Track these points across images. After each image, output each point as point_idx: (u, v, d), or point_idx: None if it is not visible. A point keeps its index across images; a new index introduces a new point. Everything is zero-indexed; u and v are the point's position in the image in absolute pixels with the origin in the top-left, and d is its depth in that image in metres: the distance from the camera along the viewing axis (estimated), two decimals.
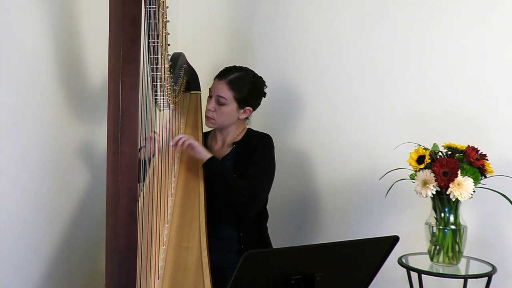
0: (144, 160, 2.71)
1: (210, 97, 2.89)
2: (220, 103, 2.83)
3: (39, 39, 2.70)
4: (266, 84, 2.97)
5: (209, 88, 2.91)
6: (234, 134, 2.95)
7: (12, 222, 2.62)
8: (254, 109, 2.94)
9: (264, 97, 2.96)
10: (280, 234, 3.25)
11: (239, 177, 2.78)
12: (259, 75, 2.96)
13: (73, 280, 3.01)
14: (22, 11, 2.60)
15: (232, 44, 3.75)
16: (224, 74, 2.87)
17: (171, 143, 2.75)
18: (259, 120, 3.19)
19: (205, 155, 2.74)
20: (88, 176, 3.07)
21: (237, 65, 2.94)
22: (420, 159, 2.74)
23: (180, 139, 2.74)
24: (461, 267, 2.79)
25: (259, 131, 2.99)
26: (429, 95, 3.16)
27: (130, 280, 1.88)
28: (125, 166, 1.83)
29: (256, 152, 2.85)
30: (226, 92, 2.82)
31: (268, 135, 2.94)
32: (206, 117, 2.89)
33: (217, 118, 2.86)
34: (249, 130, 2.99)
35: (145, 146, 2.68)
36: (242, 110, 2.88)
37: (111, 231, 1.86)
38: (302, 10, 3.49)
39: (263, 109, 3.11)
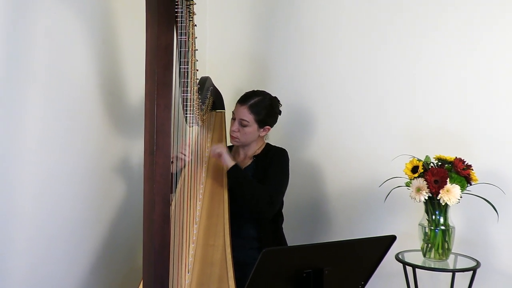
0: (176, 174, 2.71)
1: (233, 119, 2.94)
2: (243, 125, 2.88)
3: (88, 68, 2.75)
4: (281, 103, 2.98)
5: (232, 111, 2.96)
6: (255, 148, 2.98)
7: (66, 223, 2.66)
8: (272, 126, 2.96)
9: (280, 114, 2.99)
10: (294, 234, 3.25)
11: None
12: (275, 95, 2.97)
13: (114, 275, 3.03)
14: (74, 45, 2.65)
15: (252, 69, 3.78)
16: (245, 100, 2.91)
17: (198, 156, 2.77)
18: (277, 136, 3.23)
19: (230, 163, 2.78)
20: (128, 185, 3.09)
21: (256, 90, 2.98)
22: (414, 169, 2.74)
23: (215, 149, 2.82)
24: (450, 262, 2.79)
25: (276, 145, 3.00)
26: (422, 113, 3.17)
27: (164, 275, 1.87)
28: (159, 176, 1.82)
29: (273, 164, 2.87)
30: (247, 116, 2.87)
31: (284, 149, 2.97)
32: (231, 136, 2.94)
33: (241, 138, 2.91)
34: (267, 145, 3.02)
35: (176, 162, 2.69)
36: (262, 129, 2.93)
37: (148, 233, 1.85)
38: (313, 41, 3.51)
39: (280, 127, 3.12)
